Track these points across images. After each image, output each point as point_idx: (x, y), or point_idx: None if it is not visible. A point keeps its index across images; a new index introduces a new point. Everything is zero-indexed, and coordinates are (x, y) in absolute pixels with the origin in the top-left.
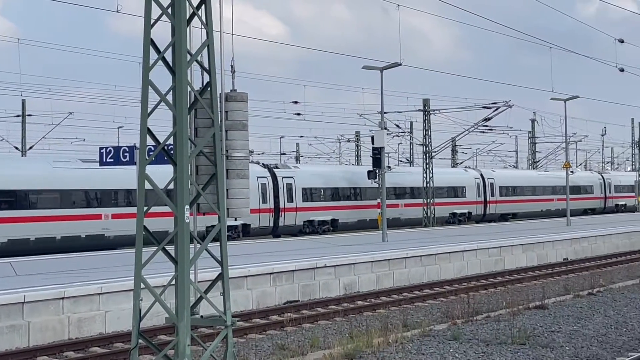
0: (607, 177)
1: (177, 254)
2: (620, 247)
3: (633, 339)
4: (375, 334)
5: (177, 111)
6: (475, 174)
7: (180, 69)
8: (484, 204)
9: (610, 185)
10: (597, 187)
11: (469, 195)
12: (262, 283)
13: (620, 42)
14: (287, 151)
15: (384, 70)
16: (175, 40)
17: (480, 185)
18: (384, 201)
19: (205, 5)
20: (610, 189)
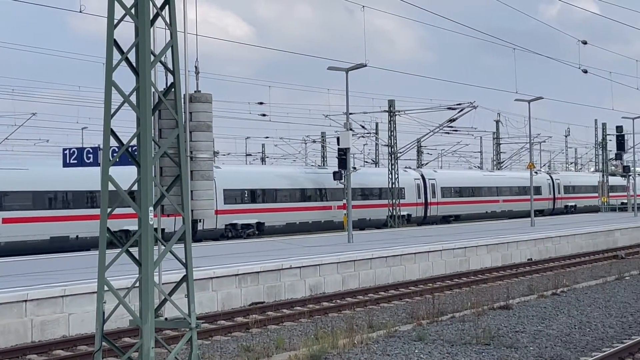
0: (556, 177)
1: (141, 255)
2: (584, 247)
3: (596, 339)
4: (341, 335)
5: (140, 112)
6: (415, 174)
7: (143, 70)
8: (424, 205)
9: (560, 186)
10: (545, 188)
11: (408, 197)
12: (228, 284)
13: (584, 43)
14: (253, 152)
15: (349, 71)
16: (139, 41)
17: (420, 187)
18: (349, 202)
19: (169, 5)
20: (560, 189)
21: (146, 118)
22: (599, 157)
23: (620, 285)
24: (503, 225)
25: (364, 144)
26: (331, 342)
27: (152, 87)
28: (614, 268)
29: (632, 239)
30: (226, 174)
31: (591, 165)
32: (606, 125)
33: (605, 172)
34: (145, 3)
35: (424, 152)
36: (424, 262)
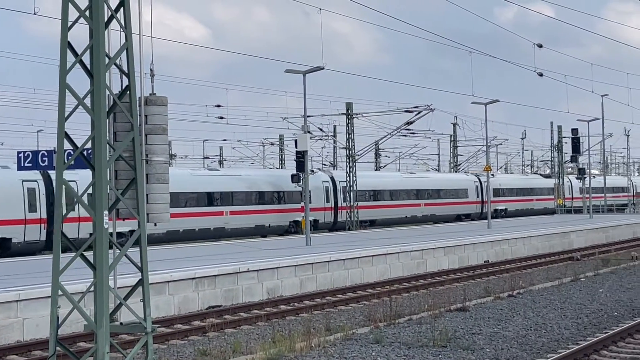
0: (485, 180)
1: (96, 260)
2: (540, 249)
3: (552, 341)
4: (298, 338)
5: (95, 115)
6: (323, 176)
7: (98, 72)
8: (334, 210)
9: (489, 188)
10: (472, 191)
11: (315, 201)
12: (184, 288)
13: (539, 46)
14: (211, 155)
15: (306, 74)
16: (93, 43)
17: (329, 190)
18: (307, 205)
19: (123, 7)
20: (489, 192)
21: (101, 121)
22: (554, 159)
23: (576, 286)
24: (460, 228)
25: (322, 146)
26: (288, 345)
27: (106, 90)
28: (569, 269)
29: (587, 241)
30: None
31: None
32: (562, 128)
33: (561, 175)
34: (100, 5)
35: (381, 155)
36: (381, 264)
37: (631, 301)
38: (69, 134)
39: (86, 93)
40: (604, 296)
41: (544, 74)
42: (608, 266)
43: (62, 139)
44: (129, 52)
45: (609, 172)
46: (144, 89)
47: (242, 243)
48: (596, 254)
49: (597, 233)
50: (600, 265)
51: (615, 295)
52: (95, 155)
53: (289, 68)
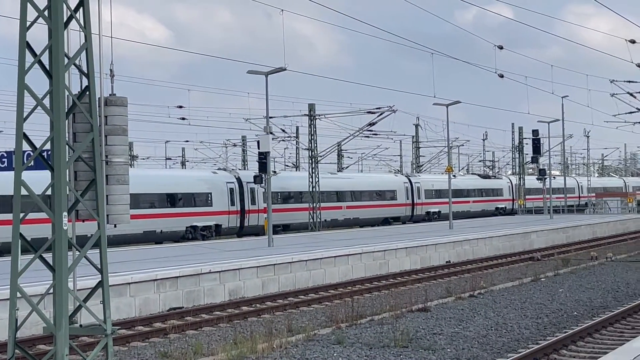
0: (416, 180)
1: (55, 261)
2: (501, 249)
3: (512, 340)
4: (260, 340)
5: (54, 116)
6: (227, 176)
7: (57, 73)
8: (240, 213)
9: (420, 190)
10: (401, 192)
11: (216, 204)
12: (146, 290)
13: (500, 48)
14: (173, 156)
15: (268, 75)
16: (52, 44)
17: (235, 192)
18: (269, 206)
19: (83, 7)
20: (420, 194)
21: (60, 122)
22: (515, 160)
23: (536, 286)
24: (422, 228)
25: (285, 147)
26: (250, 346)
27: (66, 91)
28: (530, 270)
29: (547, 241)
30: None
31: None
32: (522, 129)
33: (522, 175)
34: (59, 5)
35: (344, 156)
36: (344, 265)
37: (590, 301)
38: (28, 135)
39: (45, 93)
40: (563, 296)
41: (504, 75)
42: (568, 266)
43: (21, 139)
44: (88, 52)
45: (569, 172)
46: (103, 89)
47: (205, 244)
48: (556, 254)
49: (557, 233)
50: (560, 265)
51: (575, 295)
52: (55, 156)
53: (252, 69)
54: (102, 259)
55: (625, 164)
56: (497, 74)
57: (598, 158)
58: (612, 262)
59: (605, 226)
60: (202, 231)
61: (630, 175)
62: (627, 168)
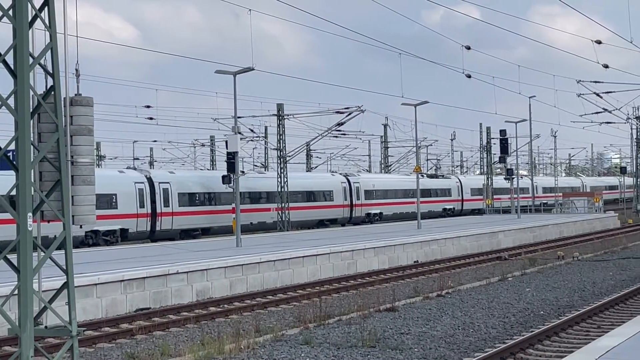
0: (355, 180)
1: (20, 262)
2: (469, 249)
3: (479, 340)
4: (227, 340)
5: (19, 116)
6: (136, 176)
7: (22, 73)
8: (150, 217)
9: (359, 190)
10: (339, 193)
11: (122, 206)
12: (112, 291)
13: (467, 48)
14: (141, 156)
15: (236, 74)
16: (17, 43)
17: (145, 193)
18: (238, 206)
19: (48, 7)
20: (360, 195)
21: (25, 122)
22: (483, 160)
23: (503, 286)
24: (390, 228)
25: (254, 147)
26: (217, 347)
27: (30, 91)
28: (497, 269)
29: (515, 241)
30: None
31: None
32: (490, 129)
33: (490, 175)
34: (24, 4)
35: (313, 156)
36: (312, 265)
37: (557, 300)
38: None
39: (10, 93)
40: (530, 295)
41: (472, 75)
42: (535, 266)
43: None
44: (53, 52)
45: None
46: (69, 89)
47: (172, 245)
48: (523, 253)
49: (524, 233)
50: (527, 265)
51: (542, 294)
52: (19, 157)
53: (220, 69)
54: (68, 260)
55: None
56: (465, 74)
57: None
58: (578, 261)
59: (572, 226)
60: (104, 236)
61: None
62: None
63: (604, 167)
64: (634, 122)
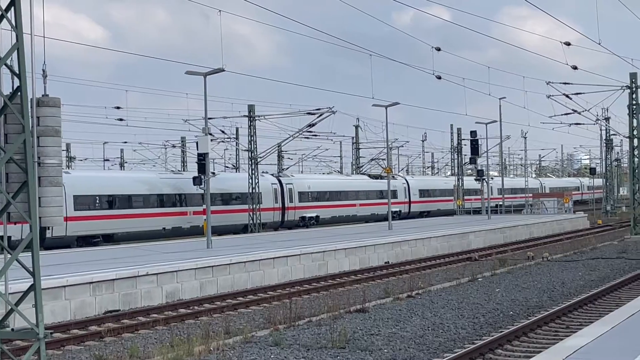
0: (288, 182)
1: None
2: (440, 250)
3: (449, 340)
4: (197, 342)
5: None
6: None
7: None
8: None
9: (292, 192)
10: (268, 195)
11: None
12: (81, 293)
13: (437, 50)
14: (112, 157)
15: (207, 75)
16: None
17: None
18: (208, 207)
19: (14, 7)
20: (293, 197)
21: None
22: (454, 161)
23: (473, 286)
24: (362, 229)
25: (225, 148)
26: (187, 349)
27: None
28: (467, 270)
29: (485, 241)
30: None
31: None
32: (461, 130)
33: (461, 176)
34: None
35: (284, 157)
36: (282, 266)
37: (526, 300)
38: None
39: None
40: (500, 296)
41: (442, 76)
42: (505, 266)
43: None
44: (20, 52)
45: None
46: (35, 90)
47: (143, 246)
48: (493, 254)
49: (495, 234)
50: (497, 265)
51: (511, 295)
52: None
53: (190, 69)
54: (35, 262)
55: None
56: (435, 76)
57: (536, 159)
58: (548, 261)
59: (542, 226)
60: None
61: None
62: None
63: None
64: (603, 124)
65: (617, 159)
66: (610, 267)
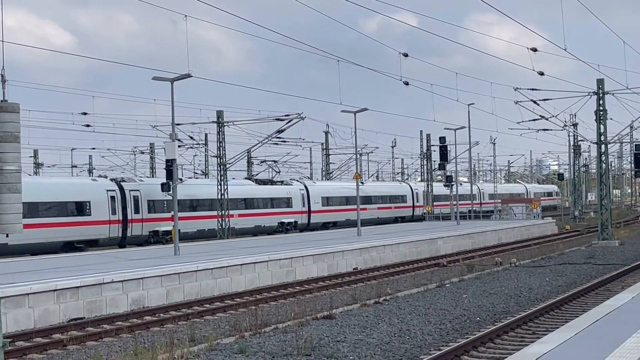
0: (133, 187)
1: None
2: (408, 255)
3: (415, 347)
4: (161, 350)
5: None
6: None
7: None
8: None
9: (140, 200)
10: (101, 205)
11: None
12: (45, 301)
13: (405, 56)
14: (80, 164)
15: (174, 81)
16: None
17: None
18: (176, 213)
19: None
20: (140, 207)
21: None
22: (424, 167)
23: (441, 292)
24: (330, 235)
25: (194, 155)
26: (150, 357)
27: None
28: (435, 276)
29: (454, 247)
30: None
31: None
32: (430, 136)
33: (430, 182)
34: None
35: (254, 163)
36: (250, 273)
37: (493, 306)
38: None
39: None
40: (467, 302)
41: (410, 82)
42: (473, 272)
43: None
44: None
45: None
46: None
47: (109, 253)
48: (461, 260)
49: (463, 239)
50: (465, 271)
51: (479, 301)
52: None
53: (157, 75)
54: None
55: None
56: (403, 82)
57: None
58: (515, 267)
59: (510, 232)
60: None
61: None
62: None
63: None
64: (570, 130)
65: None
66: (578, 273)
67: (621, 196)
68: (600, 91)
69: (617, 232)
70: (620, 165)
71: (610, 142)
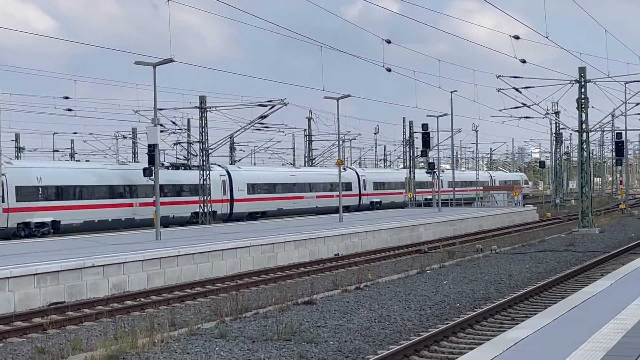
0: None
1: None
2: (390, 242)
3: (395, 332)
4: (141, 334)
5: None
6: None
7: None
8: None
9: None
10: None
11: None
12: (25, 285)
13: (387, 42)
14: (62, 148)
15: (156, 66)
16: None
17: None
18: (157, 199)
19: None
20: None
21: None
22: (406, 154)
23: (421, 278)
24: (312, 221)
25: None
26: (130, 341)
27: None
28: (416, 262)
29: (435, 234)
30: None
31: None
32: (413, 123)
33: (412, 169)
34: None
35: (236, 149)
36: (231, 258)
37: (473, 292)
38: None
39: None
40: (447, 288)
41: (392, 69)
42: (453, 258)
43: None
44: None
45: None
46: None
47: (89, 237)
48: (442, 246)
49: (445, 226)
50: (446, 258)
51: (459, 287)
52: None
53: (139, 60)
54: None
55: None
56: (385, 68)
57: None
58: (496, 254)
59: (491, 219)
60: None
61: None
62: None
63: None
64: (552, 117)
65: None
66: (557, 260)
67: (602, 184)
68: (582, 79)
69: (597, 219)
70: (602, 153)
71: (592, 130)
